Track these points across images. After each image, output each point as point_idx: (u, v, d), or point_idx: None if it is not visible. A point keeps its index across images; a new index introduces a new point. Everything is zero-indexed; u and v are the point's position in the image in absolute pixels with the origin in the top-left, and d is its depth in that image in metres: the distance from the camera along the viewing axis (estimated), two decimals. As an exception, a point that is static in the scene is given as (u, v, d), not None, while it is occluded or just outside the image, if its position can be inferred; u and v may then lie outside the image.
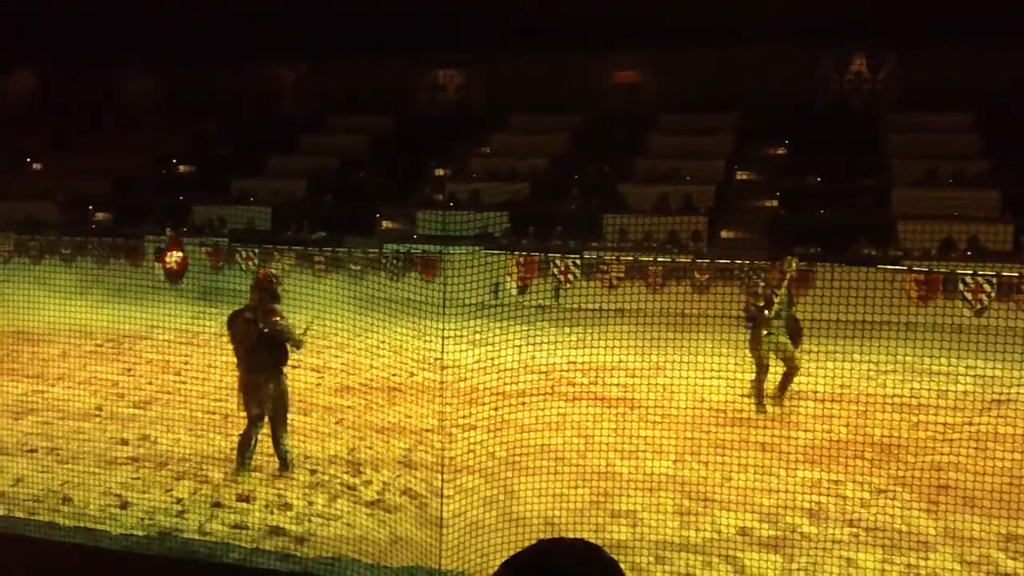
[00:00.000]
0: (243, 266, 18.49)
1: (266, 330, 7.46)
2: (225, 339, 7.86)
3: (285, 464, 7.56)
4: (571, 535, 6.23)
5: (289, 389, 7.70)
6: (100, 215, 23.30)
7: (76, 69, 26.71)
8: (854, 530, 6.54)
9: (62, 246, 18.80)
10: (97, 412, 9.22)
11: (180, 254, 18.20)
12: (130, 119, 26.76)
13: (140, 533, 6.32)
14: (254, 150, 24.66)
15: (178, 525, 6.53)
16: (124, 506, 6.84)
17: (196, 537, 6.32)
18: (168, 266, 17.74)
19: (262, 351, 7.48)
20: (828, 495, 7.13)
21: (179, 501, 6.95)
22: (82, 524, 6.46)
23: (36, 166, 26.56)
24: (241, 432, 7.60)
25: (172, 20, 23.60)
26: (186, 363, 10.41)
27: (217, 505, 6.87)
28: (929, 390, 9.32)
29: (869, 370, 10.56)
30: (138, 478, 7.37)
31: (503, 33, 21.92)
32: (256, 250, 18.65)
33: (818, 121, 22.08)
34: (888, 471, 7.69)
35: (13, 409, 9.16)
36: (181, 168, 25.39)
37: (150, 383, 9.39)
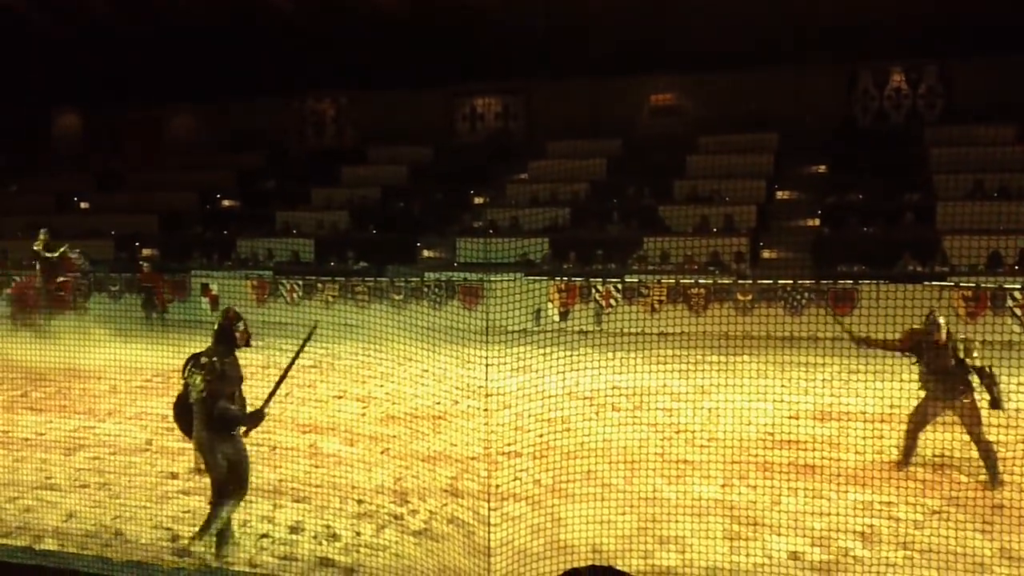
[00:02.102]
0: (288, 299, 18.74)
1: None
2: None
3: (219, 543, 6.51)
4: (619, 562, 6.19)
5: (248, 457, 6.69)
6: (147, 251, 23.75)
7: (120, 107, 27.40)
8: (908, 553, 6.41)
9: (111, 283, 19.20)
10: (147, 446, 9.36)
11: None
12: (174, 156, 27.36)
13: (191, 566, 6.38)
14: (297, 183, 25.05)
15: (228, 557, 6.58)
16: (175, 539, 6.91)
17: (247, 569, 6.36)
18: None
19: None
20: (880, 517, 7.00)
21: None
22: (134, 558, 6.54)
23: (84, 205, 27.18)
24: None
25: (210, 56, 24.11)
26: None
27: (266, 536, 6.92)
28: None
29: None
30: (188, 511, 7.45)
31: (540, 61, 22.11)
32: (300, 282, 18.91)
33: (859, 138, 21.89)
34: (941, 491, 7.53)
35: (64, 445, 9.33)
36: (225, 203, 25.83)
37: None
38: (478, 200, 23.44)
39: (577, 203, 21.66)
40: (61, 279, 16.54)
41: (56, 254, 16.71)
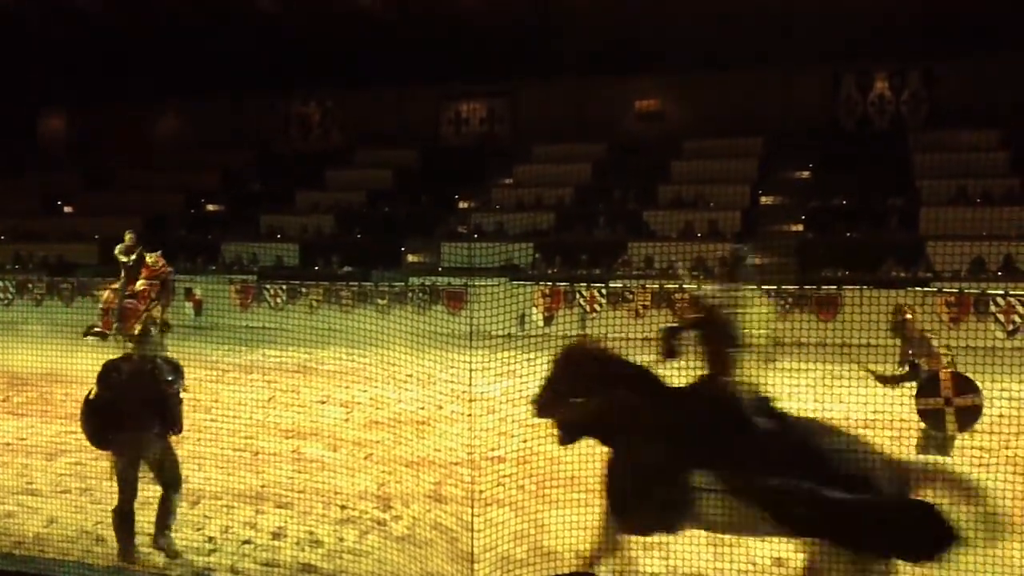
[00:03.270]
0: (272, 303, 18.67)
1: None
2: None
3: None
4: (602, 568, 6.18)
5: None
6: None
7: (103, 107, 27.24)
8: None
9: (94, 287, 19.06)
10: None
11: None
12: (158, 157, 27.21)
13: (173, 572, 6.34)
14: (282, 185, 24.98)
15: (210, 563, 6.54)
16: (156, 545, 6.86)
17: (228, 575, 6.33)
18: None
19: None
20: (864, 523, 7.00)
21: (211, 539, 6.97)
22: (115, 564, 6.49)
23: (68, 208, 27.00)
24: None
25: (196, 56, 24.02)
26: (215, 400, 10.48)
27: (248, 543, 6.88)
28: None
29: (902, 395, 10.41)
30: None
31: (526, 64, 22.13)
32: (284, 286, 18.84)
33: (843, 142, 22.00)
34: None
35: (46, 450, 9.25)
36: (210, 206, 25.71)
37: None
38: (463, 204, 23.43)
39: (562, 207, 21.68)
40: (140, 286, 14.38)
41: (132, 257, 14.75)
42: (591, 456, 8.26)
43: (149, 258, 14.48)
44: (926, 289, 14.89)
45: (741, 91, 21.76)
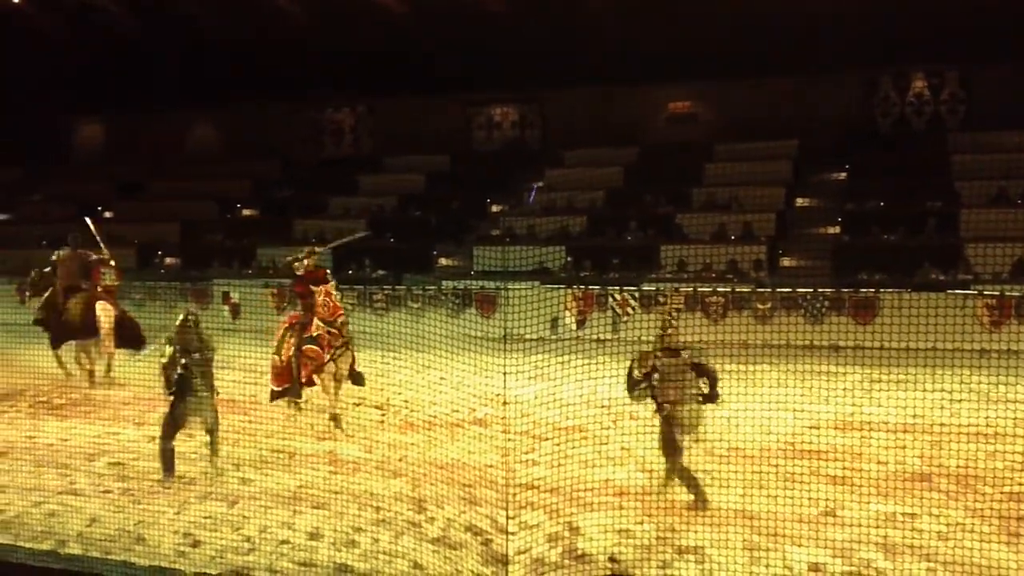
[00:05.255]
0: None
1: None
2: None
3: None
4: (637, 572, 6.17)
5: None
6: (168, 260, 23.91)
7: (137, 116, 27.64)
8: (931, 565, 6.34)
9: (133, 292, 19.30)
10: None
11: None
12: (191, 165, 27.54)
13: (212, 571, 6.41)
14: (314, 191, 25.18)
15: (248, 563, 6.61)
16: (196, 544, 6.95)
17: (266, 575, 6.39)
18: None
19: None
20: (903, 529, 6.93)
21: (249, 539, 7.04)
22: (156, 563, 6.58)
23: (106, 214, 27.39)
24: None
25: (229, 65, 24.30)
26: (253, 402, 10.59)
27: (285, 543, 6.94)
28: (1005, 418, 9.05)
29: (942, 399, 10.28)
30: (208, 517, 7.49)
31: (556, 69, 22.11)
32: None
33: (880, 144, 21.74)
34: (965, 503, 7.45)
35: (87, 451, 9.40)
36: (245, 212, 25.98)
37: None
38: (495, 208, 23.46)
39: (594, 211, 21.64)
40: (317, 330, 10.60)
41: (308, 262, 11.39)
42: (624, 460, 8.26)
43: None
44: (966, 292, 14.68)
45: (775, 93, 21.58)
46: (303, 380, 10.45)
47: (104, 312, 12.75)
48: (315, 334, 10.42)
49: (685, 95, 23.77)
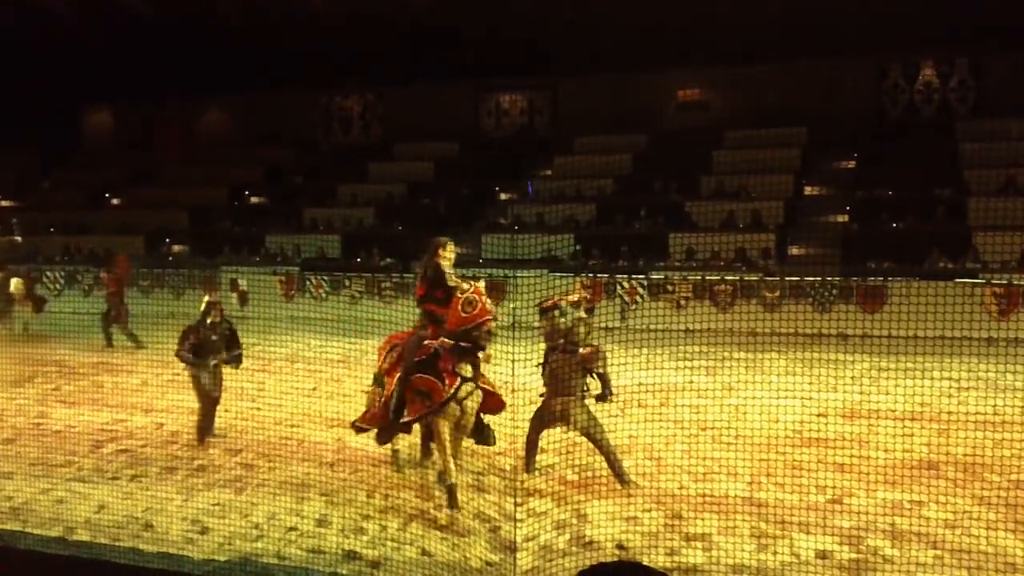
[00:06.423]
0: (314, 294, 18.87)
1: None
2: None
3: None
4: (644, 559, 6.18)
5: None
6: (177, 247, 23.99)
7: (149, 104, 27.70)
8: (938, 552, 6.34)
9: (140, 278, 19.39)
10: (173, 440, 9.46)
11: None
12: (202, 152, 27.61)
13: (220, 558, 6.44)
14: (323, 179, 25.21)
15: (256, 550, 6.64)
16: (204, 531, 6.99)
17: (274, 562, 6.42)
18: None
19: None
20: (910, 516, 6.93)
21: (257, 526, 7.07)
22: (164, 550, 6.61)
23: (115, 201, 27.50)
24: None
25: (240, 53, 24.30)
26: (261, 390, 10.63)
27: (293, 530, 6.98)
28: (1012, 406, 9.03)
29: (949, 387, 10.28)
30: (217, 504, 7.52)
31: (566, 56, 22.06)
32: (327, 278, 19.02)
33: (888, 132, 21.67)
34: (972, 491, 7.45)
35: (96, 438, 9.45)
36: (254, 199, 26.03)
37: (226, 410, 9.58)
38: (503, 196, 23.45)
39: (603, 199, 21.61)
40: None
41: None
42: (631, 447, 8.28)
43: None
44: (974, 280, 14.63)
45: (785, 80, 21.50)
46: (403, 421, 7.60)
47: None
48: (433, 352, 7.39)
49: (695, 83, 23.70)
